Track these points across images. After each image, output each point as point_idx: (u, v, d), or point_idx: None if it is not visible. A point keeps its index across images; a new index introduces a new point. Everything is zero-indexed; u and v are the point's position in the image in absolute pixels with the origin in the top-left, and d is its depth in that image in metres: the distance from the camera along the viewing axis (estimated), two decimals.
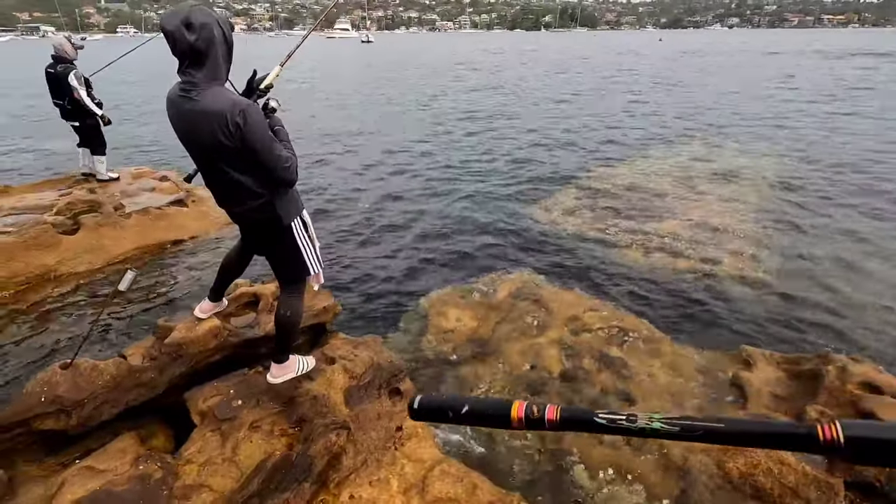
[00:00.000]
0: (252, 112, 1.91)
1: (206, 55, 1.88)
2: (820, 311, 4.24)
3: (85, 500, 2.02)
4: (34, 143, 10.76)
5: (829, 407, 2.65)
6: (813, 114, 13.27)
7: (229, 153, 1.97)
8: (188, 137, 2.03)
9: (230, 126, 1.87)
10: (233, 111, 1.87)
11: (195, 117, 1.93)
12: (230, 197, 2.19)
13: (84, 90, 5.90)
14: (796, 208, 6.47)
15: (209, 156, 2.03)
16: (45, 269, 4.33)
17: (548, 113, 14.58)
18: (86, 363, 2.53)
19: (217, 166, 2.06)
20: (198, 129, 1.95)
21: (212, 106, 1.89)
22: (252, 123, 1.90)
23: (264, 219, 2.24)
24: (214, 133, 1.90)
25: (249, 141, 1.92)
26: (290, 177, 2.11)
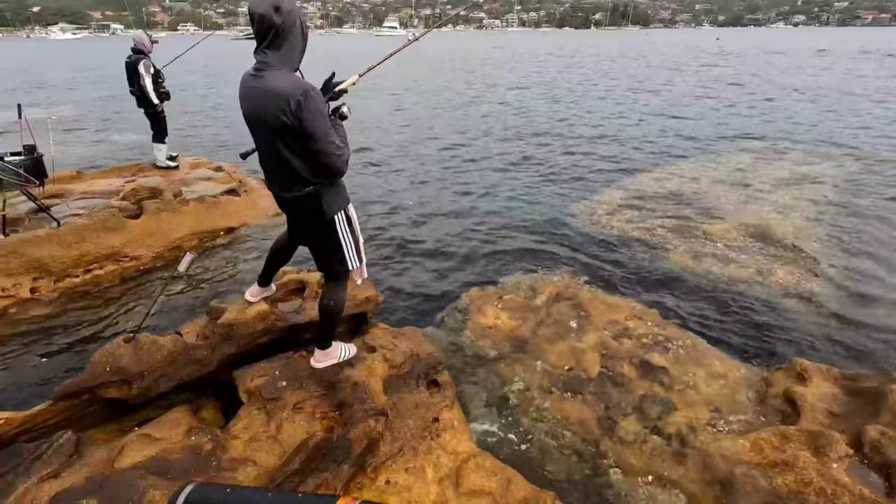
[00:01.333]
0: (314, 95, 2.00)
1: (285, 38, 1.99)
2: (882, 331, 3.96)
3: (142, 464, 2.16)
4: (104, 135, 11.51)
5: (893, 428, 2.48)
6: (881, 122, 12.37)
7: (288, 134, 2.05)
8: (252, 114, 2.12)
9: (291, 105, 1.96)
10: (295, 91, 1.96)
11: (261, 95, 2.03)
12: (281, 180, 2.26)
13: (150, 79, 6.37)
14: (859, 220, 6.06)
15: (269, 135, 2.11)
16: (111, 250, 4.64)
17: (590, 115, 14.26)
18: (146, 338, 2.70)
19: (275, 147, 2.13)
20: (262, 107, 2.04)
21: (277, 84, 1.99)
22: (312, 105, 1.98)
23: (309, 208, 2.30)
24: (277, 112, 1.99)
25: (306, 121, 1.99)
26: (341, 166, 2.17)
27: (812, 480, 2.32)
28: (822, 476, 2.32)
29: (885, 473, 2.30)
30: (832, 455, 2.39)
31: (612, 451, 2.73)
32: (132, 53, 6.43)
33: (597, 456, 2.71)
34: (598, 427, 2.89)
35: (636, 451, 2.72)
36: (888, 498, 2.19)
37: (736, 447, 2.62)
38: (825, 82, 20.11)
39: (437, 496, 2.22)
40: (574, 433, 2.86)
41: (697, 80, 22.10)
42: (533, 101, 16.79)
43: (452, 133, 11.73)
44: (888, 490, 2.23)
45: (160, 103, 6.65)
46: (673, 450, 2.70)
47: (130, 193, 5.63)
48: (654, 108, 14.75)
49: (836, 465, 2.35)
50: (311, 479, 2.11)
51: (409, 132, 11.89)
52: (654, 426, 2.87)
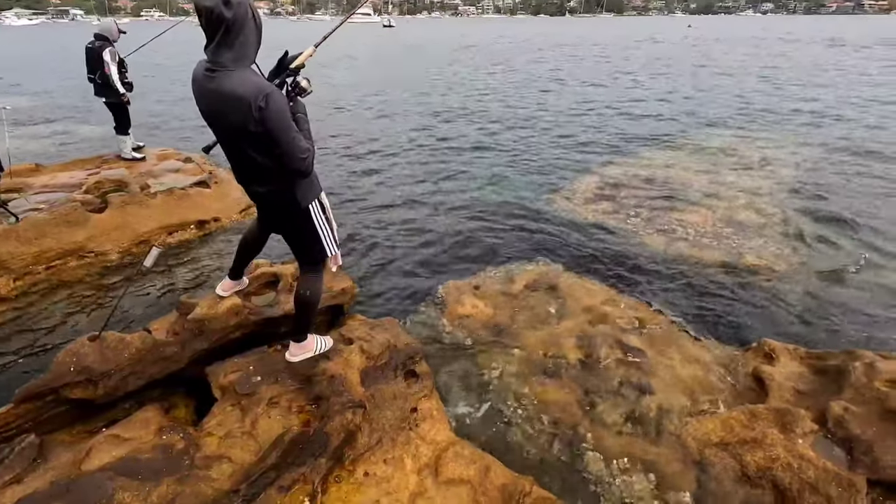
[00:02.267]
0: (276, 98, 1.90)
1: (239, 33, 1.87)
2: (848, 309, 4.12)
3: (111, 466, 2.09)
4: (66, 126, 11.04)
5: (856, 404, 2.58)
6: (846, 106, 12.77)
7: (252, 136, 1.97)
8: (211, 116, 2.04)
9: (253, 111, 1.86)
10: (256, 96, 1.86)
11: (220, 98, 1.93)
12: (250, 176, 2.21)
13: (115, 67, 6.10)
14: (825, 202, 6.26)
15: (232, 137, 2.05)
16: (75, 245, 4.46)
17: (569, 100, 14.33)
18: (113, 336, 2.61)
19: (240, 147, 2.07)
20: (223, 111, 1.96)
21: (237, 89, 1.88)
22: (274, 109, 1.89)
23: (282, 201, 2.25)
24: (239, 117, 1.90)
25: (269, 127, 1.90)
26: (306, 168, 2.09)
27: (779, 456, 2.40)
28: (789, 452, 2.40)
29: (848, 447, 2.39)
30: (798, 431, 2.48)
31: (591, 435, 2.77)
32: (94, 40, 6.14)
33: (575, 440, 2.75)
34: (576, 411, 2.93)
35: (613, 435, 2.77)
36: (850, 470, 2.28)
37: (708, 427, 2.69)
38: (790, 67, 20.61)
39: (417, 486, 2.22)
40: (553, 418, 2.89)
41: (668, 67, 22.38)
42: (508, 88, 16.76)
43: (427, 122, 11.63)
44: (850, 463, 2.32)
45: (125, 93, 6.39)
46: (649, 432, 2.76)
47: (94, 186, 5.42)
48: (626, 96, 14.90)
49: (802, 441, 2.43)
50: (288, 474, 2.08)
51: (384, 121, 11.75)
52: (630, 409, 2.92)
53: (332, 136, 10.20)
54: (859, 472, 2.26)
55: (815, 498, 2.23)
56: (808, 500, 2.23)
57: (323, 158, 8.65)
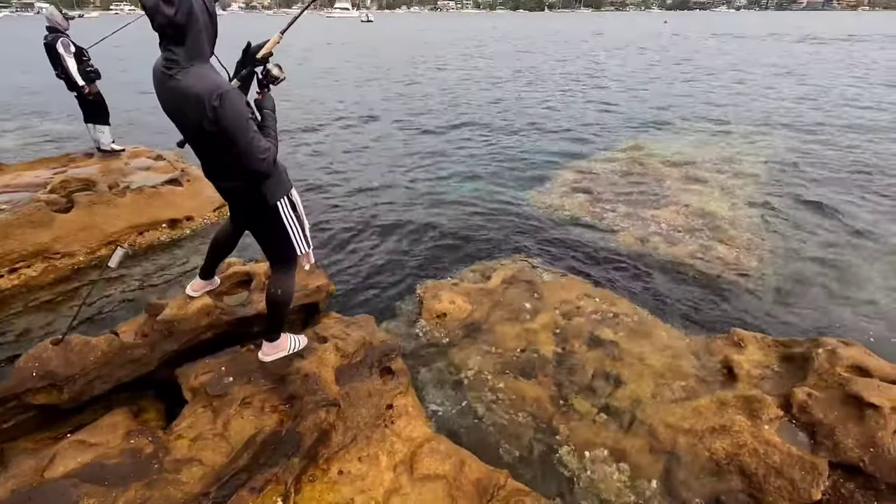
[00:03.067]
0: (230, 97, 1.87)
1: (187, 30, 1.82)
2: (815, 298, 4.25)
3: (76, 472, 2.04)
4: (30, 122, 10.67)
5: (819, 390, 2.66)
6: (815, 101, 13.12)
7: (210, 135, 1.93)
8: (172, 113, 2.00)
9: (207, 111, 1.83)
10: (210, 94, 1.82)
11: (178, 96, 1.89)
12: (216, 172, 2.18)
13: (72, 59, 5.90)
14: (794, 196, 6.43)
15: (194, 134, 2.02)
16: (39, 247, 4.32)
17: (545, 97, 14.41)
18: (77, 339, 2.54)
19: (203, 144, 2.04)
20: (181, 109, 1.93)
21: (193, 88, 1.84)
22: (229, 108, 1.85)
23: (250, 198, 2.22)
24: (195, 114, 1.87)
25: (224, 126, 1.87)
26: (266, 169, 2.07)
27: (746, 443, 2.47)
28: (755, 438, 2.47)
29: (811, 431, 2.47)
30: (764, 418, 2.55)
31: (565, 428, 2.80)
32: (48, 33, 5.92)
33: (549, 433, 2.78)
34: (551, 405, 2.96)
35: (587, 427, 2.80)
36: (813, 454, 2.35)
37: (678, 416, 2.75)
38: (763, 63, 21.07)
39: (391, 483, 2.22)
40: (528, 413, 2.92)
41: (646, 63, 22.66)
42: (485, 84, 16.77)
43: (405, 118, 11.57)
44: (813, 446, 2.40)
45: (87, 84, 6.19)
46: (621, 423, 2.81)
47: (60, 186, 5.25)
48: (604, 92, 15.04)
49: (768, 427, 2.51)
50: (260, 475, 2.06)
51: (361, 117, 11.64)
52: (604, 401, 2.97)
53: (308, 131, 10.08)
54: (821, 455, 2.34)
55: (779, 482, 2.30)
56: (772, 485, 2.30)
57: (297, 152, 8.54)
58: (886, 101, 12.47)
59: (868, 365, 2.70)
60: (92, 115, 6.50)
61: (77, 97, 6.31)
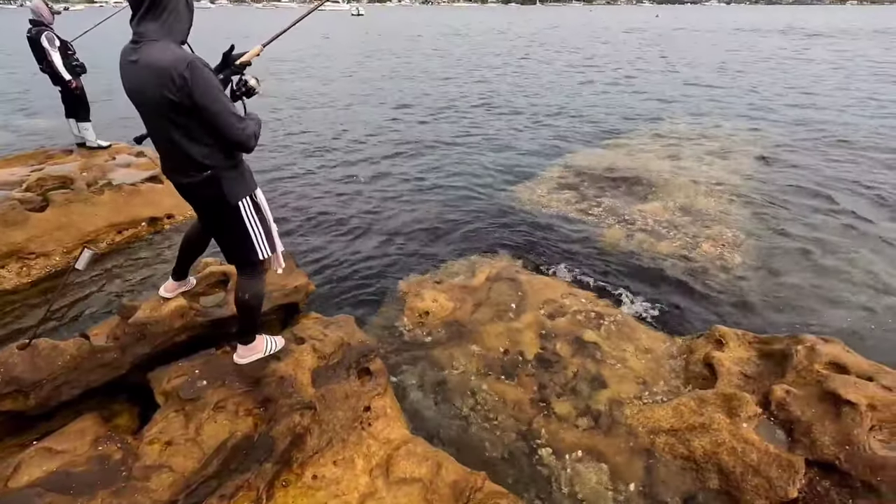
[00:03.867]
0: (200, 67, 1.81)
1: (165, 6, 1.79)
2: (798, 294, 4.27)
3: (41, 481, 1.99)
4: (9, 119, 10.45)
5: (797, 386, 2.66)
6: (805, 96, 13.19)
7: (177, 112, 1.86)
8: (134, 93, 1.92)
9: (175, 80, 1.77)
10: (178, 64, 1.77)
11: (140, 71, 1.83)
12: (176, 165, 2.07)
13: (57, 53, 5.81)
14: (781, 191, 6.46)
15: (156, 115, 1.92)
16: (13, 247, 4.22)
17: (532, 91, 14.37)
18: (45, 343, 2.48)
19: (163, 128, 1.94)
20: (143, 85, 1.85)
21: (156, 59, 1.79)
22: (200, 77, 1.80)
23: (209, 196, 2.13)
24: (161, 89, 1.80)
25: (196, 95, 1.80)
26: (246, 140, 1.97)
27: (725, 441, 2.47)
28: (734, 436, 2.47)
29: (789, 429, 2.47)
30: (743, 415, 2.55)
31: (545, 430, 2.78)
32: (31, 26, 5.81)
33: (530, 435, 2.76)
34: (532, 407, 2.94)
35: (567, 428, 2.79)
36: (790, 451, 2.35)
37: (659, 415, 2.74)
38: (751, 57, 21.17)
39: (367, 487, 2.19)
40: (509, 414, 2.90)
41: (635, 56, 22.68)
42: (472, 78, 16.69)
43: (390, 112, 11.46)
44: (790, 444, 2.40)
45: (73, 79, 6.08)
46: (601, 424, 2.79)
47: (36, 183, 5.14)
48: (590, 86, 15.03)
49: (746, 425, 2.50)
50: (231, 481, 2.02)
51: (344, 110, 11.53)
52: (585, 403, 2.95)
53: (290, 124, 9.96)
54: (798, 453, 2.34)
55: (756, 480, 2.30)
56: (749, 483, 2.30)
57: (278, 147, 8.43)
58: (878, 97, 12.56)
59: (846, 362, 2.71)
60: (74, 111, 6.41)
61: (61, 92, 6.22)
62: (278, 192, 6.37)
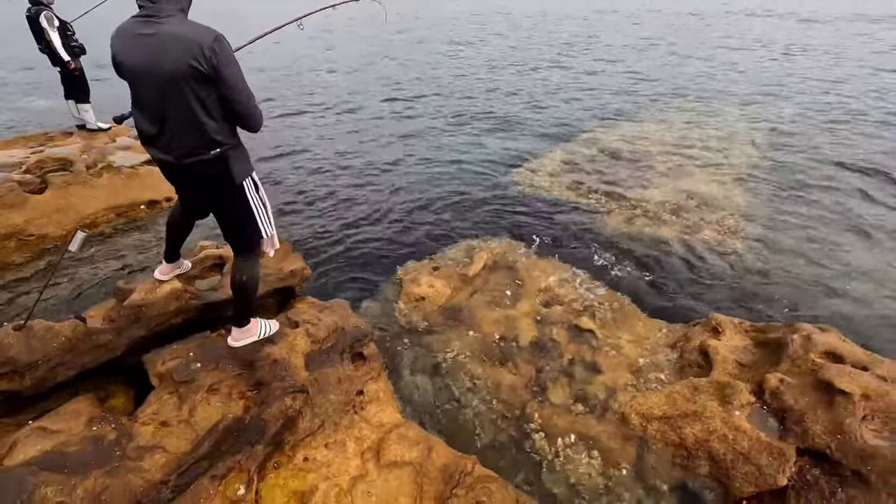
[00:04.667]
0: (226, 42, 1.89)
1: None
2: (798, 282, 4.23)
3: (35, 460, 2.01)
4: (9, 101, 10.40)
5: (791, 375, 2.65)
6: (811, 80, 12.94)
7: (199, 84, 1.87)
8: (146, 67, 1.87)
9: (206, 51, 1.82)
10: (205, 37, 1.83)
11: (161, 41, 1.84)
12: (180, 143, 2.01)
13: (56, 33, 5.76)
14: (785, 177, 6.38)
15: (170, 86, 1.87)
16: (12, 229, 4.24)
17: (531, 74, 14.15)
18: (40, 324, 2.49)
19: (176, 100, 1.90)
20: (162, 54, 1.83)
21: (181, 30, 1.84)
22: (227, 52, 1.88)
23: (214, 175, 2.12)
24: (186, 59, 1.81)
25: (224, 69, 1.86)
26: (258, 115, 2.07)
27: (716, 429, 2.47)
28: (726, 424, 2.47)
29: (781, 418, 2.47)
30: (736, 403, 2.54)
31: (538, 415, 2.79)
32: (31, 5, 5.74)
33: (523, 420, 2.77)
34: (526, 393, 2.95)
35: (561, 414, 2.80)
36: (781, 440, 2.35)
37: (652, 402, 2.74)
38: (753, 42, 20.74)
39: (358, 470, 2.21)
40: (503, 400, 2.91)
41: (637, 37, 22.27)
42: (472, 58, 16.44)
43: (389, 93, 11.28)
44: (782, 433, 2.40)
45: (72, 60, 6.03)
46: (595, 410, 2.80)
47: (35, 165, 5.14)
48: (593, 70, 14.79)
49: (739, 413, 2.50)
50: (222, 462, 2.04)
51: (346, 90, 11.39)
52: (579, 389, 2.96)
53: (286, 107, 9.86)
54: (790, 441, 2.34)
55: (746, 467, 2.30)
56: (739, 470, 2.30)
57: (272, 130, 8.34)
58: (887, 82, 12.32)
59: (842, 351, 2.69)
60: (73, 92, 6.38)
61: (60, 73, 6.18)
62: (274, 176, 6.35)
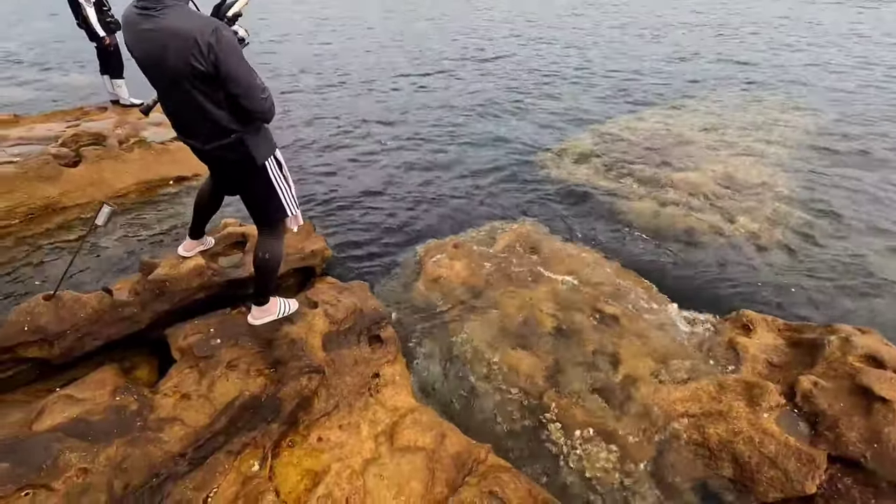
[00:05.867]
0: (225, 33, 1.80)
1: None
2: (838, 282, 3.99)
3: (61, 427, 2.08)
4: (50, 73, 10.69)
5: (826, 379, 2.52)
6: (864, 70, 12.14)
7: (201, 79, 1.84)
8: (150, 61, 1.89)
9: (203, 47, 1.75)
10: (204, 31, 1.74)
11: (160, 37, 1.79)
12: (197, 131, 2.08)
13: (92, 9, 5.85)
14: (828, 167, 6.01)
15: (177, 83, 1.89)
16: (48, 200, 4.36)
17: (566, 54, 13.70)
18: (69, 295, 2.56)
19: (187, 96, 1.91)
20: (163, 52, 1.81)
21: (180, 25, 1.75)
22: (226, 45, 1.79)
23: (235, 158, 2.14)
24: (184, 55, 1.77)
25: (223, 64, 1.79)
26: (268, 109, 1.99)
27: (742, 430, 2.37)
28: (752, 425, 2.37)
29: (813, 422, 2.35)
30: (764, 405, 2.43)
31: (556, 404, 2.74)
32: None
33: (539, 409, 2.72)
34: (544, 380, 2.90)
35: (579, 404, 2.74)
36: (811, 445, 2.24)
37: (675, 398, 2.66)
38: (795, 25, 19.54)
39: (371, 452, 2.21)
40: (520, 386, 2.86)
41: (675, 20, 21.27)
42: (501, 38, 16.01)
43: (413, 70, 11.06)
44: (813, 438, 2.29)
45: (107, 35, 6.14)
46: (614, 402, 2.73)
47: (71, 139, 5.26)
48: (625, 53, 14.22)
49: (767, 415, 2.39)
50: (238, 438, 2.07)
51: (367, 66, 11.24)
52: (599, 378, 2.88)
53: (309, 81, 9.81)
54: (821, 447, 2.23)
55: (772, 472, 2.21)
56: (765, 475, 2.21)
57: (289, 108, 8.31)
58: None
59: (883, 355, 2.54)
60: (108, 68, 6.50)
61: (96, 48, 6.30)
62: (295, 156, 6.34)
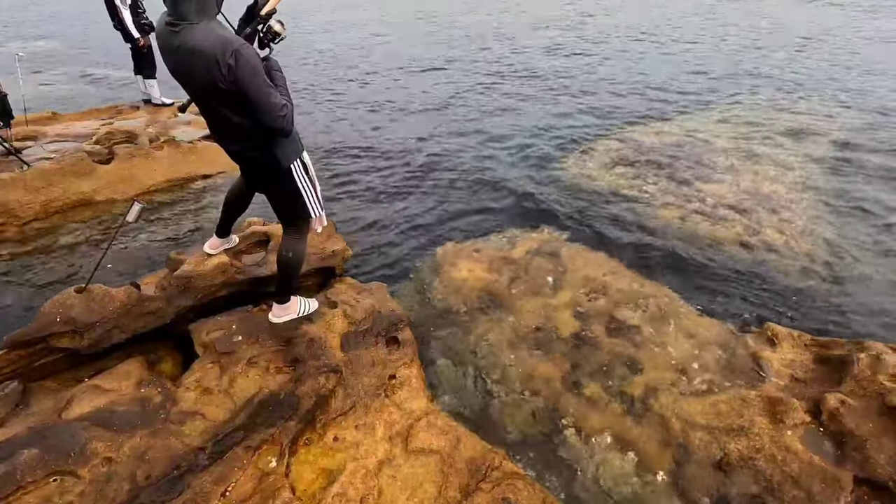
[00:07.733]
0: (245, 53, 1.83)
1: None
2: (868, 295, 3.86)
3: (88, 416, 2.15)
4: (89, 72, 11.07)
5: (854, 397, 2.44)
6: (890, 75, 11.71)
7: (223, 94, 1.90)
8: (179, 74, 1.97)
9: (222, 68, 1.80)
10: (224, 51, 1.79)
11: (185, 55, 1.85)
12: (226, 135, 2.16)
13: (128, 11, 6.05)
14: (859, 179, 5.81)
15: (202, 95, 1.99)
16: (81, 196, 4.52)
17: (591, 57, 13.56)
18: (99, 289, 2.64)
19: (212, 105, 2.01)
20: (189, 68, 1.89)
21: (202, 45, 1.80)
22: (245, 66, 1.82)
23: (262, 159, 2.21)
24: (207, 74, 1.84)
25: (241, 83, 1.84)
26: (285, 125, 2.01)
27: (764, 447, 2.31)
28: (775, 443, 2.31)
29: (839, 442, 2.28)
30: (788, 422, 2.37)
31: (573, 411, 2.72)
32: None
33: (556, 415, 2.70)
34: (561, 386, 2.88)
35: (596, 411, 2.71)
36: (837, 466, 2.17)
37: (695, 409, 2.61)
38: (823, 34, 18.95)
39: (385, 454, 2.23)
40: (536, 392, 2.85)
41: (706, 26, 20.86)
42: (525, 39, 15.93)
43: (436, 74, 11.10)
44: (839, 458, 2.22)
45: (141, 36, 6.34)
46: (633, 411, 2.69)
47: (104, 137, 5.45)
48: (652, 59, 14.01)
49: (791, 433, 2.33)
50: (256, 434, 2.11)
51: (387, 69, 11.30)
52: (617, 386, 2.85)
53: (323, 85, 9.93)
54: (847, 468, 2.16)
55: (795, 492, 2.14)
56: (787, 494, 2.15)
57: (313, 109, 8.40)
58: None
59: None
60: (142, 68, 6.71)
61: (131, 49, 6.52)
62: (318, 157, 6.43)
